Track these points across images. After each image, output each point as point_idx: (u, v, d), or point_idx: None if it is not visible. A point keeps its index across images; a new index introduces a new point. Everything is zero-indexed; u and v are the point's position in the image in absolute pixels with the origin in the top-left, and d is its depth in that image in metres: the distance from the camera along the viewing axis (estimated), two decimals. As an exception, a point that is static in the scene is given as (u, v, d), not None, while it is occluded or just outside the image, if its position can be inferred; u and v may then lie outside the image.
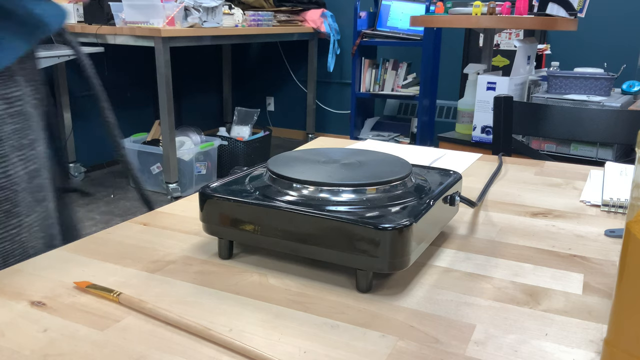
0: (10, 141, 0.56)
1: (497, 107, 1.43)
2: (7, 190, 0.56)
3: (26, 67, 0.60)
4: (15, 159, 0.57)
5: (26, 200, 0.59)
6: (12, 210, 0.58)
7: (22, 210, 0.58)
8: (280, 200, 0.54)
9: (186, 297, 0.50)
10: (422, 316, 0.48)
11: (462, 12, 2.29)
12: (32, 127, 0.59)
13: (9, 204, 0.57)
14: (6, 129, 0.56)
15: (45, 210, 0.62)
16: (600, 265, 0.58)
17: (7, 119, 0.56)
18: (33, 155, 0.59)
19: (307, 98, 4.65)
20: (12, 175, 0.57)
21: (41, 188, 0.61)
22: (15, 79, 0.58)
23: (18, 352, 0.41)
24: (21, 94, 0.58)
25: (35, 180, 0.60)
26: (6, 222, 0.57)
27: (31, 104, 0.60)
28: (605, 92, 2.20)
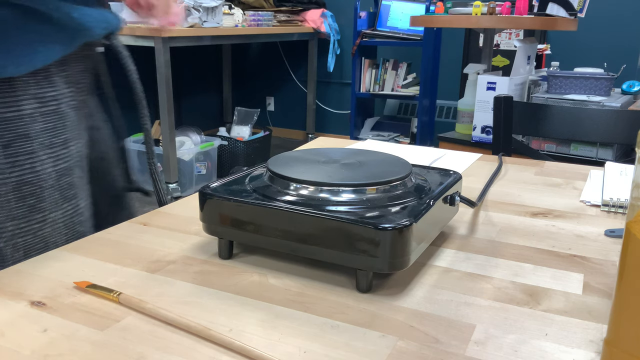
0: (40, 139, 0.58)
1: (497, 107, 1.43)
2: (33, 186, 0.58)
3: (66, 69, 0.62)
4: (45, 157, 0.59)
5: (53, 197, 0.60)
6: (36, 205, 0.60)
7: (47, 206, 0.60)
8: (280, 200, 0.54)
9: (186, 297, 0.50)
10: (422, 316, 0.48)
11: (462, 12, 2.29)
12: (68, 127, 0.61)
13: (34, 199, 0.59)
14: (36, 127, 0.58)
15: (74, 208, 0.64)
16: (600, 265, 0.58)
17: (38, 118, 0.58)
18: (65, 154, 0.61)
19: (307, 98, 4.65)
20: (39, 172, 0.59)
21: (71, 186, 0.63)
22: (52, 80, 0.60)
23: (18, 352, 0.41)
24: (57, 94, 0.60)
25: (65, 178, 0.61)
26: (30, 216, 0.59)
27: (69, 104, 0.62)
28: (605, 92, 2.20)
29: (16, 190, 0.58)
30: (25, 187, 0.58)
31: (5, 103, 0.56)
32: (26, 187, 0.58)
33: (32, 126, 0.58)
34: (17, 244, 0.59)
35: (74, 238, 0.64)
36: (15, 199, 0.58)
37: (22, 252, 0.60)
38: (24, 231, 0.59)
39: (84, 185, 0.65)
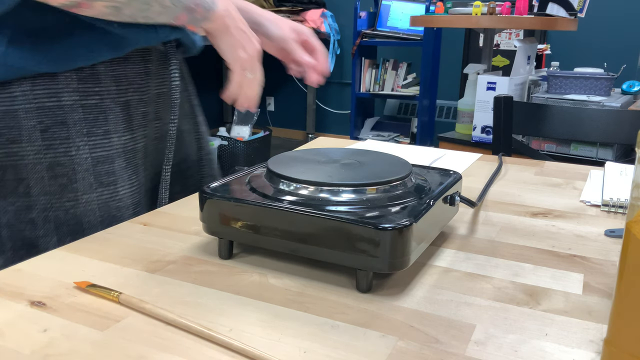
0: (77, 127, 0.66)
1: (497, 107, 1.43)
2: (66, 168, 0.66)
3: (116, 69, 0.69)
4: (81, 143, 0.66)
5: (87, 180, 0.67)
6: (68, 186, 0.66)
7: (79, 188, 0.66)
8: (280, 200, 0.54)
9: (186, 297, 0.50)
10: (422, 316, 0.48)
11: (462, 12, 2.29)
12: (110, 120, 0.68)
13: (65, 178, 0.66)
14: (75, 116, 0.65)
15: (111, 194, 0.69)
16: (600, 265, 0.58)
17: (78, 108, 0.66)
18: (105, 144, 0.68)
19: (307, 98, 4.65)
20: (73, 156, 0.66)
21: (110, 174, 0.69)
22: (97, 77, 0.67)
23: (18, 352, 0.41)
24: (101, 90, 0.68)
25: (102, 165, 0.68)
26: (61, 194, 0.66)
27: (116, 100, 0.69)
28: (605, 92, 2.20)
29: (49, 170, 0.65)
30: (58, 167, 0.65)
31: (47, 93, 0.64)
32: (59, 167, 0.65)
33: (70, 115, 0.65)
34: (48, 217, 0.65)
35: (109, 221, 0.70)
36: (48, 177, 0.65)
37: (53, 225, 0.66)
38: (55, 207, 0.66)
39: (127, 174, 0.71)
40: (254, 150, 3.74)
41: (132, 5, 0.62)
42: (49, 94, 0.64)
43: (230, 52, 0.70)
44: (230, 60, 0.71)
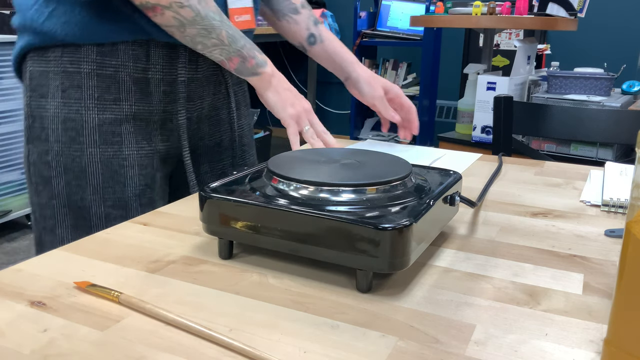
0: (90, 91, 0.77)
1: (497, 107, 1.43)
2: (75, 123, 0.77)
3: (136, 50, 0.79)
4: (90, 105, 0.77)
5: (92, 137, 0.78)
6: (76, 138, 0.78)
7: (85, 141, 0.78)
8: (280, 200, 0.54)
9: (186, 297, 0.50)
10: (422, 316, 0.48)
11: (462, 12, 2.28)
12: (121, 89, 0.78)
13: (74, 132, 0.77)
14: (89, 83, 0.77)
15: (115, 153, 0.79)
16: (600, 265, 0.58)
17: (93, 76, 0.77)
18: (113, 109, 0.78)
19: (307, 98, 4.64)
20: (83, 115, 0.77)
21: (115, 135, 0.79)
22: (117, 53, 0.77)
23: (18, 352, 0.41)
24: (117, 64, 0.78)
25: (108, 126, 0.78)
26: (70, 144, 0.78)
27: (130, 75, 0.79)
28: (605, 92, 2.20)
29: (63, 123, 0.77)
30: (69, 122, 0.77)
31: (70, 60, 0.77)
32: (70, 122, 0.77)
33: (86, 81, 0.77)
34: (59, 161, 0.78)
35: (110, 175, 0.79)
36: (62, 129, 0.77)
37: (62, 169, 0.78)
38: (65, 154, 0.78)
39: (135, 139, 0.80)
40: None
41: (194, 27, 0.74)
42: (72, 61, 0.76)
43: (279, 108, 0.81)
44: (280, 115, 0.81)
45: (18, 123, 2.59)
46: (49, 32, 0.75)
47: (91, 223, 0.78)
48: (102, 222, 0.79)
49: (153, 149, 0.83)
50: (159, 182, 0.84)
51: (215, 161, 0.95)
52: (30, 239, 2.68)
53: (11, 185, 2.61)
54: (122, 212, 0.80)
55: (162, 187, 0.85)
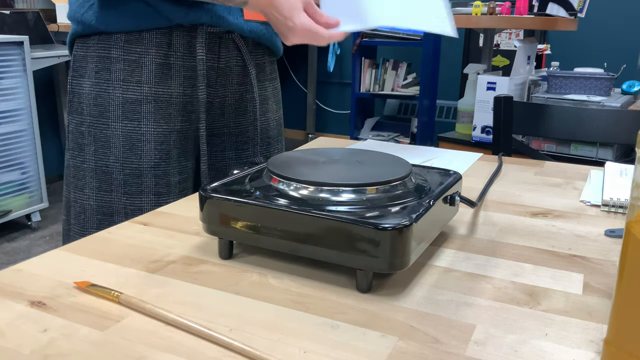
0: (117, 74, 0.87)
1: (497, 107, 1.43)
2: (104, 100, 0.88)
3: (159, 38, 0.87)
4: (117, 86, 0.87)
5: (116, 113, 0.88)
6: (103, 113, 0.88)
7: (110, 116, 0.88)
8: (280, 200, 0.54)
9: (186, 297, 0.50)
10: (422, 316, 0.48)
11: (462, 12, 2.28)
12: (144, 73, 0.88)
13: (102, 107, 0.88)
14: (117, 66, 0.87)
15: (135, 128, 0.88)
16: (600, 265, 0.58)
17: (120, 61, 0.87)
18: (136, 89, 0.88)
19: (307, 98, 4.65)
20: (110, 94, 0.88)
21: (136, 113, 0.88)
22: (142, 41, 0.87)
23: (18, 352, 0.41)
24: (142, 50, 0.87)
25: (130, 105, 0.88)
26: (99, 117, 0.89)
27: (154, 61, 0.88)
28: (605, 92, 2.20)
29: (94, 99, 0.88)
30: (99, 99, 0.88)
31: (102, 46, 0.87)
32: (100, 99, 0.88)
33: (114, 65, 0.87)
34: (90, 132, 0.89)
35: (129, 146, 0.88)
36: (93, 104, 0.88)
37: (93, 139, 0.89)
38: (94, 126, 0.89)
39: (153, 118, 0.89)
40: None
41: None
42: (104, 47, 0.87)
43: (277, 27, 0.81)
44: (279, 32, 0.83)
45: (18, 123, 2.59)
46: (87, 22, 0.87)
47: (112, 187, 0.89)
48: (120, 187, 0.89)
49: (171, 128, 0.90)
50: (174, 157, 0.91)
51: (240, 149, 1.00)
52: (30, 239, 2.68)
53: (11, 185, 2.61)
54: (138, 180, 0.89)
55: (180, 162, 0.93)
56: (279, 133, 1.07)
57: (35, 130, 2.66)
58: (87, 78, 0.89)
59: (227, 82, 0.95)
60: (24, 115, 2.61)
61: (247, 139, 1.00)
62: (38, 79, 3.27)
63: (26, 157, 2.65)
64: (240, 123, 0.99)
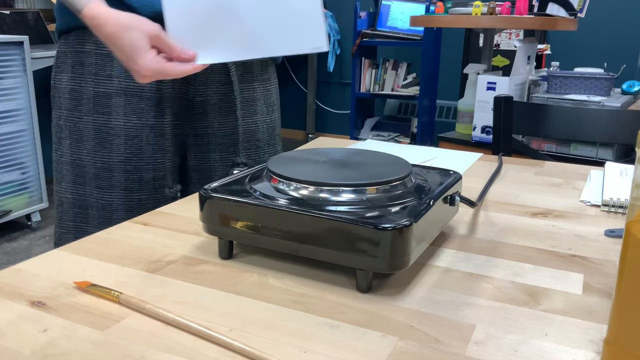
0: (89, 68, 0.87)
1: (497, 107, 1.43)
2: (77, 93, 0.88)
3: None
4: (89, 79, 0.87)
5: (87, 106, 0.88)
6: (77, 106, 0.88)
7: (83, 109, 0.88)
8: (280, 200, 0.54)
9: (186, 297, 0.50)
10: (422, 316, 0.48)
11: (462, 12, 2.28)
12: (115, 67, 0.87)
13: (76, 101, 0.89)
14: (89, 60, 0.87)
15: (105, 122, 0.88)
16: (600, 265, 0.58)
17: (93, 55, 0.87)
18: (106, 83, 0.87)
19: (307, 98, 4.65)
20: (83, 87, 0.88)
21: (105, 106, 0.88)
22: None
23: (18, 352, 0.41)
24: None
25: (101, 98, 0.87)
26: (73, 110, 0.89)
27: None
28: (605, 92, 2.19)
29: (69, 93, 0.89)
30: (74, 92, 0.89)
31: (78, 41, 0.88)
32: (74, 93, 0.89)
33: (87, 59, 0.88)
34: (67, 125, 0.89)
35: (100, 140, 0.88)
36: (69, 97, 0.89)
37: (68, 132, 0.89)
38: (70, 118, 0.90)
39: (124, 111, 0.88)
40: (254, 150, 3.73)
41: None
42: (80, 41, 0.88)
43: (125, 66, 0.78)
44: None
45: (18, 123, 2.59)
46: (66, 18, 0.88)
47: (85, 180, 0.89)
48: (93, 180, 0.89)
49: (143, 123, 0.89)
50: (148, 153, 0.90)
51: (226, 152, 0.98)
52: (30, 239, 2.68)
53: (11, 185, 2.61)
54: (108, 175, 0.88)
55: (156, 159, 0.91)
56: (270, 137, 1.03)
57: (35, 130, 2.66)
58: (65, 73, 0.89)
59: (207, 80, 0.92)
60: (24, 115, 2.61)
61: (232, 141, 0.97)
62: (38, 79, 3.27)
63: (26, 157, 2.65)
64: (224, 124, 0.96)
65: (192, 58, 0.77)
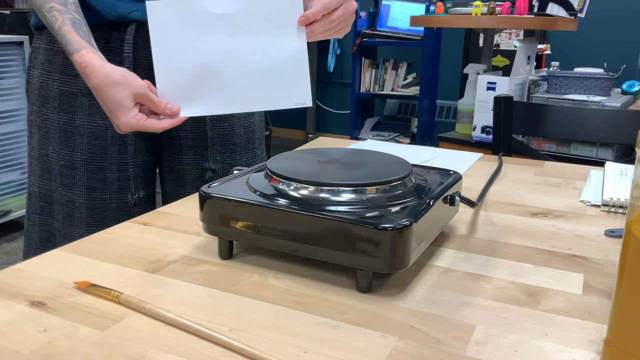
0: (55, 66, 0.87)
1: (497, 107, 1.43)
2: (45, 91, 0.88)
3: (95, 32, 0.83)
4: (55, 78, 0.87)
5: (53, 104, 0.89)
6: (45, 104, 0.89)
7: (49, 107, 0.89)
8: (280, 200, 0.54)
9: (186, 297, 0.50)
10: (422, 316, 0.48)
11: (462, 12, 2.28)
12: None
13: (43, 98, 0.89)
14: (57, 59, 0.87)
15: (69, 120, 0.88)
16: (600, 265, 0.58)
17: (61, 52, 0.86)
18: (71, 82, 0.87)
19: (307, 98, 4.64)
20: (50, 85, 0.88)
21: (71, 105, 0.87)
22: None
23: (18, 352, 0.41)
24: None
25: (66, 97, 0.87)
26: (41, 108, 0.90)
27: None
28: (605, 92, 2.20)
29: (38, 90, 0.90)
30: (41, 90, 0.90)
31: (46, 40, 0.89)
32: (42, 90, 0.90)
33: (54, 57, 0.88)
34: (36, 121, 0.91)
35: (64, 138, 0.88)
36: (38, 95, 0.90)
37: (37, 128, 0.91)
38: (39, 115, 0.90)
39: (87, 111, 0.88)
40: (254, 150, 3.73)
41: None
42: (49, 39, 0.88)
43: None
44: None
45: (18, 123, 2.59)
46: (35, 19, 0.87)
47: (51, 176, 0.90)
48: (57, 177, 0.89)
49: (107, 124, 0.88)
50: (113, 154, 0.89)
51: (199, 155, 0.96)
52: (30, 239, 2.67)
53: (11, 185, 2.61)
54: (71, 173, 0.88)
55: (121, 159, 0.90)
56: (249, 141, 1.00)
57: (35, 130, 2.66)
58: (36, 69, 0.90)
59: None
60: (24, 115, 2.61)
61: (205, 144, 0.95)
62: (38, 79, 3.27)
63: (26, 157, 2.64)
64: (196, 127, 0.94)
65: (176, 113, 0.77)
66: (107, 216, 0.90)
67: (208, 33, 0.76)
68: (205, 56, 0.76)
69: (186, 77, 0.77)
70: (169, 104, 0.77)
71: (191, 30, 0.76)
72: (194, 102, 0.78)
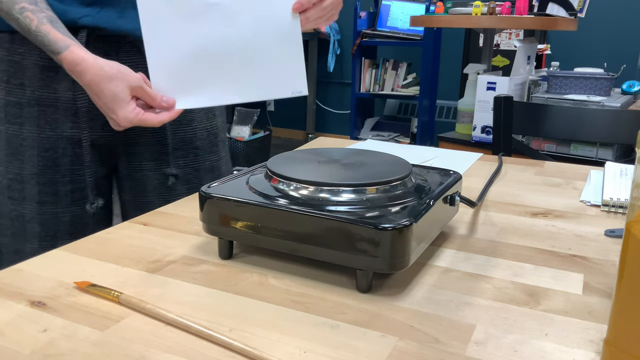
0: (1, 74, 0.82)
1: (497, 107, 1.43)
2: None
3: None
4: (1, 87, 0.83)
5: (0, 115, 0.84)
6: None
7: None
8: (280, 200, 0.54)
9: (186, 297, 0.50)
10: (422, 316, 0.48)
11: (462, 12, 2.28)
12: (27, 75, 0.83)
13: None
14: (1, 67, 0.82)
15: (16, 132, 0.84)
16: (600, 265, 0.58)
17: (5, 60, 0.82)
18: (17, 92, 0.83)
19: (307, 98, 4.65)
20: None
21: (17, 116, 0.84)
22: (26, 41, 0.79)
23: (18, 352, 0.41)
24: (24, 51, 0.82)
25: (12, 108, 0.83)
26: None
27: (36, 63, 0.82)
28: (605, 92, 2.19)
29: None
30: None
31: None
32: None
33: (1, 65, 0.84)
34: None
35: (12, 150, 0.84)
36: None
37: None
38: None
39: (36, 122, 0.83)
40: (254, 150, 3.74)
41: None
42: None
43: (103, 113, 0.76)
44: None
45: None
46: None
47: (0, 189, 0.85)
48: (5, 191, 0.85)
49: (58, 135, 0.84)
50: (65, 165, 0.85)
51: (159, 160, 0.93)
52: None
53: (11, 185, 2.60)
54: (20, 186, 0.84)
55: (74, 171, 0.86)
56: (212, 143, 0.97)
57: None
58: None
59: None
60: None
61: (165, 149, 0.92)
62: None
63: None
64: (154, 133, 0.91)
65: (172, 105, 0.76)
66: (60, 230, 0.86)
67: (201, 23, 0.74)
68: (199, 47, 0.75)
69: (180, 68, 0.75)
70: (165, 97, 0.75)
71: (184, 20, 0.74)
72: (189, 94, 0.77)
